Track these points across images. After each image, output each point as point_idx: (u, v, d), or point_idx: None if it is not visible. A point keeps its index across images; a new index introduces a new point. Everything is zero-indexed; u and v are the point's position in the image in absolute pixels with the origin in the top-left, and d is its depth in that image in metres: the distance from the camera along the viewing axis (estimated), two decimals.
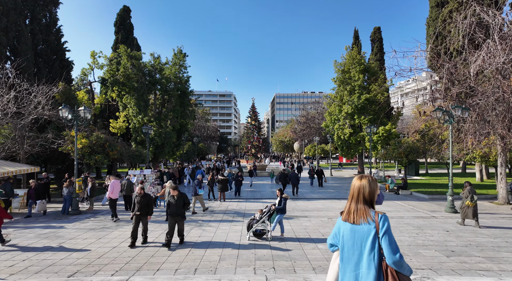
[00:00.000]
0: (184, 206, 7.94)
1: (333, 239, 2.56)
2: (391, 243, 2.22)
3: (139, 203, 7.98)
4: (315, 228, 10.00)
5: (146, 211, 8.02)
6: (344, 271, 2.39)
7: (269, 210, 8.71)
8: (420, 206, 13.99)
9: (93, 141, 16.03)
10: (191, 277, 3.97)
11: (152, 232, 9.54)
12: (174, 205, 7.81)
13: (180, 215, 7.83)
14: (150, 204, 8.13)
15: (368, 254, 2.28)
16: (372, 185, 2.43)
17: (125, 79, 26.07)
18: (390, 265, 2.22)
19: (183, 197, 7.97)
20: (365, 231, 2.32)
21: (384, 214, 2.35)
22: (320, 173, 21.71)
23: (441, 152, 18.78)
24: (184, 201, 7.95)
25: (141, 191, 8.17)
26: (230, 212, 12.74)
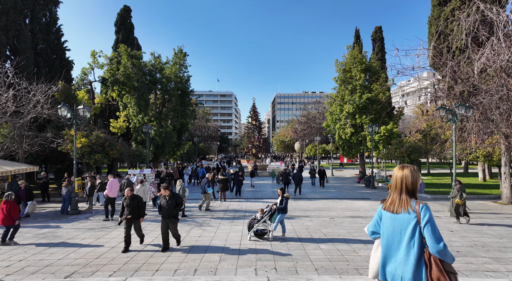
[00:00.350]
0: (177, 207, 7.44)
1: (374, 227, 2.68)
2: (434, 232, 2.27)
3: (128, 206, 7.49)
4: (317, 228, 9.84)
5: (137, 214, 7.56)
6: (385, 257, 2.50)
7: (270, 210, 8.57)
8: None
9: (92, 140, 15.91)
10: (191, 278, 3.83)
11: (151, 232, 9.42)
12: (166, 206, 7.34)
13: (172, 217, 7.34)
14: (141, 206, 7.66)
15: (407, 242, 2.36)
16: (414, 175, 2.48)
17: (125, 78, 25.97)
18: (433, 254, 2.26)
19: (175, 197, 7.48)
20: (404, 220, 2.40)
21: (425, 204, 2.40)
22: (322, 173, 21.44)
23: (443, 152, 18.58)
24: (177, 201, 7.45)
25: (129, 192, 7.64)
26: (231, 212, 12.60)
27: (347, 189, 20.24)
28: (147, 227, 10.01)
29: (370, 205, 14.09)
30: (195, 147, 43.00)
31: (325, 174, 21.56)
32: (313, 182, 22.13)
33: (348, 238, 8.60)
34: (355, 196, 17.21)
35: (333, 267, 6.39)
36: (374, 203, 14.64)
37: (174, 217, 7.39)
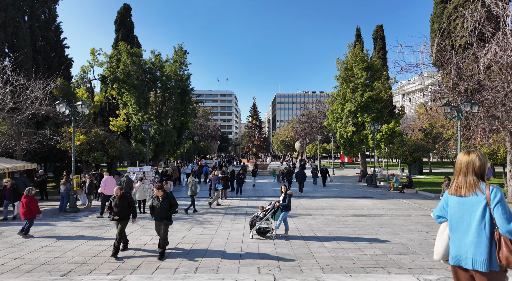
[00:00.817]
0: (171, 208, 6.85)
1: (440, 211, 2.76)
2: (504, 212, 2.28)
3: (117, 206, 6.88)
4: (320, 226, 9.63)
5: (127, 214, 6.98)
6: (454, 240, 2.56)
7: (273, 207, 8.36)
8: (427, 204, 13.61)
9: (91, 137, 15.70)
10: (192, 277, 3.61)
11: (151, 230, 9.19)
12: (159, 208, 6.71)
13: (166, 219, 6.74)
14: (132, 205, 7.13)
15: (477, 224, 2.39)
16: (482, 159, 2.52)
17: (125, 76, 25.75)
18: (503, 234, 2.28)
19: (169, 198, 6.87)
20: (473, 202, 2.43)
21: (496, 185, 2.42)
22: (325, 172, 21.09)
23: (447, 150, 18.36)
24: (171, 202, 6.85)
25: (118, 192, 7.05)
26: (232, 210, 12.39)
27: (349, 188, 20.03)
28: (146, 225, 9.80)
29: (373, 204, 13.88)
30: (195, 146, 42.76)
31: (327, 172, 21.26)
32: (315, 181, 21.73)
33: (352, 236, 8.39)
34: (358, 194, 17.00)
35: (338, 265, 6.18)
36: (377, 202, 14.43)
37: (168, 219, 6.81)
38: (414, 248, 7.31)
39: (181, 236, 8.42)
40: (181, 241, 7.95)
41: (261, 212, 8.49)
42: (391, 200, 14.88)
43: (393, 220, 10.46)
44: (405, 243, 7.72)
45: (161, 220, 6.75)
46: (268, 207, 8.49)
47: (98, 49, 28.49)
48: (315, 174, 21.36)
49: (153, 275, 5.56)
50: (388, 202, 14.30)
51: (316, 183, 21.67)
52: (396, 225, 9.72)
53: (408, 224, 9.92)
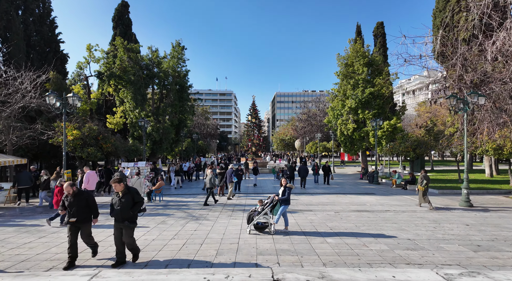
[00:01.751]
0: (134, 207, 5.54)
1: None
2: None
3: (72, 205, 5.57)
4: (321, 221, 9.17)
5: (84, 217, 5.65)
6: None
7: (271, 201, 7.89)
8: (432, 200, 13.10)
9: (85, 132, 15.21)
10: (178, 271, 3.15)
11: (149, 221, 8.72)
12: (119, 206, 5.43)
13: (127, 220, 5.45)
14: (92, 204, 5.79)
15: None
16: None
17: (121, 72, 25.29)
18: None
19: (132, 193, 5.56)
20: None
21: None
22: (327, 170, 19.94)
23: (450, 146, 17.89)
24: (134, 199, 5.53)
25: (70, 189, 5.62)
26: (230, 206, 11.92)
27: (350, 185, 19.57)
28: (140, 221, 9.31)
29: (376, 200, 13.42)
30: (194, 144, 42.28)
31: (330, 170, 20.21)
32: (316, 179, 20.75)
33: (356, 232, 7.92)
34: (359, 191, 16.54)
35: (342, 261, 5.72)
36: (380, 198, 13.97)
37: (130, 220, 5.49)
38: (423, 244, 6.85)
39: (174, 232, 7.95)
40: (174, 237, 7.48)
41: (260, 206, 8.03)
42: (394, 196, 14.41)
43: (398, 216, 10.00)
44: (413, 239, 7.26)
45: (122, 222, 5.46)
46: (266, 201, 8.03)
47: (94, 45, 28.01)
48: (316, 171, 20.32)
49: (134, 270, 5.08)
50: (391, 198, 13.84)
51: (318, 181, 20.66)
52: (402, 221, 9.25)
53: (414, 219, 9.45)
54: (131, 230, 5.57)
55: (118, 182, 5.53)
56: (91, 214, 5.82)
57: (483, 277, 2.89)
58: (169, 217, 9.95)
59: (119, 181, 5.56)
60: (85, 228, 5.75)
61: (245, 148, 57.65)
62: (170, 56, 28.53)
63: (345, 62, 28.83)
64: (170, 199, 13.82)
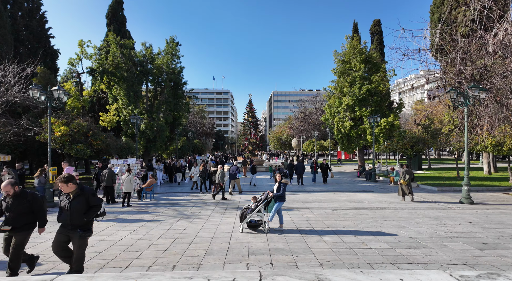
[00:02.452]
0: (89, 212, 4.44)
1: None
2: None
3: (8, 209, 4.50)
4: (318, 219, 8.76)
5: (22, 225, 4.51)
6: None
7: (265, 198, 7.47)
8: (431, 197, 12.81)
9: (74, 129, 14.67)
10: (150, 275, 2.71)
11: (133, 224, 8.24)
12: (68, 210, 4.32)
13: (79, 228, 4.34)
14: (37, 209, 4.63)
15: None
16: None
17: (114, 68, 24.72)
18: None
19: (87, 195, 4.44)
20: None
21: None
22: (325, 168, 19.10)
23: (448, 143, 17.58)
24: (89, 202, 4.45)
25: (12, 188, 4.53)
26: (223, 204, 11.47)
27: (348, 183, 19.21)
28: (127, 220, 8.83)
29: (374, 197, 13.05)
30: (189, 143, 41.73)
31: (328, 168, 19.41)
32: (314, 178, 19.59)
33: (354, 230, 7.52)
34: (357, 188, 16.18)
35: (340, 261, 5.31)
36: (378, 195, 13.61)
37: (83, 228, 4.39)
38: (425, 242, 6.46)
39: (162, 231, 7.49)
40: (161, 236, 7.03)
41: (253, 203, 7.60)
42: (392, 194, 14.06)
43: (397, 213, 9.63)
44: (414, 237, 6.87)
45: (72, 229, 4.33)
46: (260, 198, 7.60)
47: (86, 41, 27.40)
48: (314, 169, 19.52)
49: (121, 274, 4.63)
50: (390, 196, 13.48)
51: (315, 180, 19.37)
52: (401, 218, 8.88)
53: (414, 216, 9.08)
54: (85, 241, 4.44)
55: (65, 181, 4.32)
56: (33, 222, 4.65)
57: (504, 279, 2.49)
58: (159, 215, 9.49)
59: (67, 180, 4.34)
60: (19, 237, 4.48)
61: (242, 146, 57.30)
62: (164, 53, 27.99)
63: (342, 59, 28.47)
64: (162, 197, 13.34)
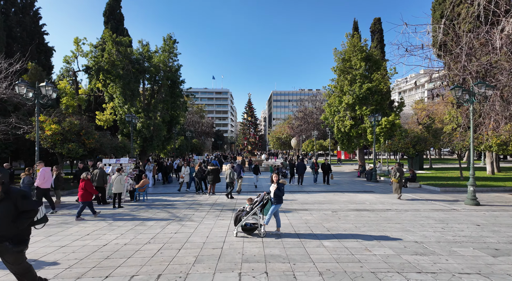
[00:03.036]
0: (20, 219, 3.54)
1: None
2: None
3: None
4: (318, 222, 8.30)
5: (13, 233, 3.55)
6: None
7: (262, 199, 7.01)
8: (435, 198, 12.36)
9: (65, 127, 14.18)
10: None
11: (119, 227, 7.77)
12: None
13: (9, 240, 3.49)
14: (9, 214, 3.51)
15: None
16: None
17: (109, 66, 24.27)
18: None
19: (14, 199, 3.53)
20: None
21: None
22: (327, 168, 18.09)
23: (452, 142, 17.13)
24: (18, 206, 3.54)
25: None
26: (219, 206, 11.01)
27: (348, 183, 18.76)
28: (115, 223, 8.37)
29: (375, 198, 12.60)
30: (188, 142, 41.25)
31: (330, 168, 18.25)
32: (315, 179, 18.69)
33: (356, 234, 7.07)
34: (358, 189, 15.73)
35: (342, 269, 4.85)
36: (380, 196, 13.16)
37: (14, 240, 3.53)
38: (432, 247, 6.01)
39: (151, 235, 7.03)
40: (150, 241, 6.57)
41: (249, 205, 7.14)
42: (394, 194, 13.61)
43: (401, 215, 9.18)
44: (420, 241, 6.42)
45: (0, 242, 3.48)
46: (256, 200, 7.14)
47: (82, 38, 26.93)
48: (315, 169, 18.52)
49: None
50: (392, 196, 13.03)
51: (317, 180, 18.63)
52: (405, 220, 8.42)
53: (419, 219, 8.63)
54: (19, 255, 3.60)
55: None
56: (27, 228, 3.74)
57: None
58: (150, 217, 9.02)
59: None
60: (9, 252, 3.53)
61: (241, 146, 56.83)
62: (161, 51, 27.54)
63: (342, 57, 28.02)
64: (156, 198, 12.88)
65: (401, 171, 12.54)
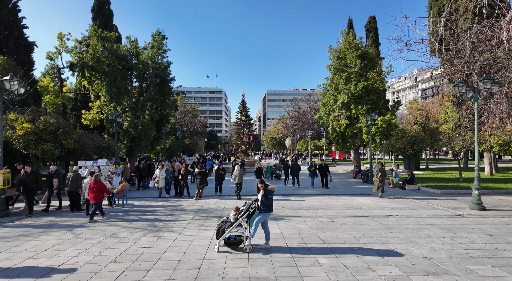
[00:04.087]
0: None
1: None
2: None
3: None
4: (312, 231, 7.43)
5: None
6: None
7: (248, 208, 6.10)
8: (436, 202, 11.61)
9: (40, 126, 13.06)
10: None
11: (86, 240, 6.78)
12: None
13: None
14: None
15: None
16: None
17: (94, 62, 23.10)
18: None
19: None
20: None
21: None
22: (325, 170, 16.32)
23: (451, 142, 16.48)
24: None
25: None
26: (204, 212, 10.06)
27: (344, 185, 17.96)
28: (83, 234, 7.37)
29: (373, 202, 11.80)
30: (179, 142, 40.10)
31: (328, 171, 16.49)
32: (313, 182, 16.72)
33: (356, 247, 6.21)
34: (354, 191, 14.93)
35: None
36: (377, 200, 12.36)
37: None
38: (445, 264, 5.18)
39: (120, 250, 6.06)
40: (116, 259, 5.60)
41: (233, 215, 6.23)
42: (393, 198, 12.85)
43: (403, 222, 8.37)
44: (430, 257, 5.59)
45: None
46: (242, 208, 6.23)
47: (66, 33, 25.73)
48: (314, 172, 16.68)
49: None
50: (391, 200, 12.26)
51: (314, 184, 16.63)
52: (409, 229, 7.61)
53: (423, 227, 7.82)
54: None
55: None
56: None
57: None
58: (125, 227, 8.04)
59: None
60: None
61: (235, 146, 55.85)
62: (150, 47, 26.44)
63: (337, 54, 27.31)
64: (137, 203, 11.86)
65: (384, 171, 13.12)
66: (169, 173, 13.52)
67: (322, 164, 16.74)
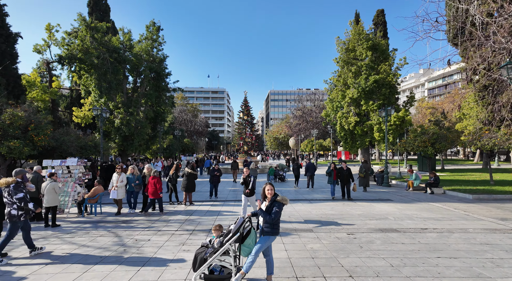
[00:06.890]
0: None
1: None
2: None
3: None
4: (330, 255, 5.46)
5: None
6: None
7: (239, 228, 4.13)
8: (475, 211, 9.57)
9: (5, 120, 11.26)
10: None
11: (15, 269, 4.89)
12: None
13: None
14: None
15: None
16: None
17: (82, 54, 21.40)
18: None
19: None
20: None
21: None
22: (347, 176, 11.99)
23: (480, 139, 14.38)
24: None
25: None
26: (192, 223, 8.13)
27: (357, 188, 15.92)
28: (19, 260, 5.47)
29: (398, 210, 9.78)
30: (178, 142, 38.30)
31: (351, 176, 12.03)
32: (333, 191, 12.30)
33: None
34: (371, 196, 12.90)
35: None
36: (402, 207, 10.34)
37: None
38: None
39: None
40: None
41: (216, 237, 4.29)
42: (418, 204, 10.83)
43: (447, 240, 6.37)
44: None
45: None
46: (230, 228, 4.27)
47: (55, 25, 24.06)
48: (334, 177, 12.28)
49: None
50: (417, 207, 10.24)
51: (334, 193, 12.34)
52: (461, 251, 5.61)
53: (479, 248, 5.82)
54: None
55: None
56: None
57: None
58: (82, 246, 6.14)
59: None
60: None
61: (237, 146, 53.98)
62: (144, 38, 24.70)
63: (345, 46, 25.22)
64: (113, 210, 9.94)
65: (368, 167, 14.16)
66: (133, 179, 9.56)
67: (342, 167, 12.26)
